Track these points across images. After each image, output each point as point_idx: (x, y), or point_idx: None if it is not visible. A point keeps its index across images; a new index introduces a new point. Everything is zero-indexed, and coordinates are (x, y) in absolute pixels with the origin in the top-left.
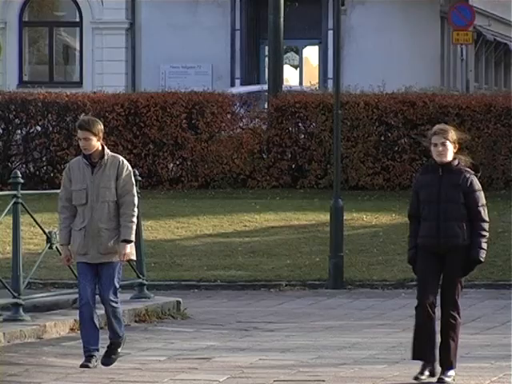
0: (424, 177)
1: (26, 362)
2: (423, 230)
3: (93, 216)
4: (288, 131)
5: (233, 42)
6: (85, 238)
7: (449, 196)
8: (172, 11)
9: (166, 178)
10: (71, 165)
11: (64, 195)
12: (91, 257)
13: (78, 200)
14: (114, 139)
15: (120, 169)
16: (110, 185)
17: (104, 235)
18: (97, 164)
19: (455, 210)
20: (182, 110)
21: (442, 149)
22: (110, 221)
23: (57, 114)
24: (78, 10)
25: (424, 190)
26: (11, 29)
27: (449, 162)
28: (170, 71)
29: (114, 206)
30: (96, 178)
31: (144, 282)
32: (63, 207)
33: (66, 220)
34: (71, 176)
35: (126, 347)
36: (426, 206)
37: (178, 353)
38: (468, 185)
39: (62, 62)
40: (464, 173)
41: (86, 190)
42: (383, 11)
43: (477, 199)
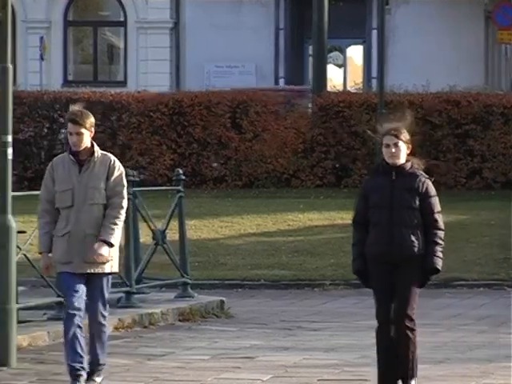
0: (374, 179)
1: None
2: (373, 237)
3: (79, 220)
4: (332, 130)
5: (277, 41)
6: (68, 244)
7: (403, 201)
8: (216, 11)
9: (209, 178)
10: (55, 163)
11: (45, 197)
12: (75, 266)
13: (63, 202)
14: (159, 139)
15: (111, 168)
16: (99, 185)
17: (91, 242)
18: (85, 162)
19: (410, 217)
20: (227, 109)
21: (394, 150)
22: (99, 226)
23: (101, 113)
24: (122, 9)
25: (374, 194)
26: (56, 28)
27: (402, 165)
28: (214, 71)
29: (103, 209)
30: (84, 178)
31: (188, 281)
32: (43, 211)
33: (46, 225)
34: (55, 175)
35: (170, 346)
36: (376, 211)
37: (222, 352)
38: (423, 189)
39: (106, 61)
40: (419, 176)
41: (72, 190)
42: (428, 10)
43: (433, 205)
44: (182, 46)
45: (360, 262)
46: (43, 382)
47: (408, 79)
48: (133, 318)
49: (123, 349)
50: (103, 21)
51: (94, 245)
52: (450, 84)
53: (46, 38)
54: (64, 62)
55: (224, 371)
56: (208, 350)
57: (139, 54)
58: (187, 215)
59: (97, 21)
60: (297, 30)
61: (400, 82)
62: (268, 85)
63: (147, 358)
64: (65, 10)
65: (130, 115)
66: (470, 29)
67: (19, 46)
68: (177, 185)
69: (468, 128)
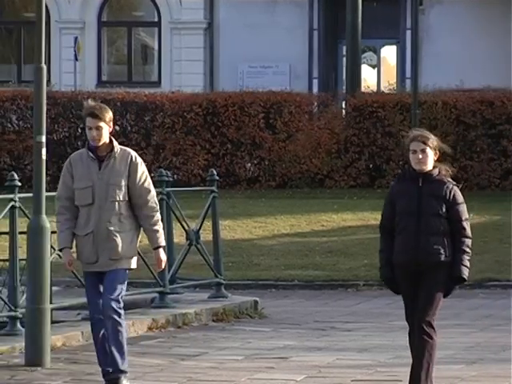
0: (401, 186)
1: None
2: (399, 244)
3: (101, 218)
4: (366, 131)
5: (311, 41)
6: (94, 243)
7: (429, 208)
8: (250, 11)
9: (243, 178)
10: (73, 159)
11: (64, 194)
12: (101, 264)
13: (83, 200)
14: (192, 139)
15: (133, 165)
16: (120, 182)
17: (115, 239)
18: (105, 158)
19: (436, 224)
20: (260, 109)
21: (421, 156)
22: (121, 222)
23: (135, 113)
24: (156, 9)
25: (401, 200)
26: (90, 29)
27: (429, 171)
28: (247, 71)
29: (124, 206)
30: (104, 174)
31: (222, 282)
32: (63, 207)
33: (66, 222)
34: (73, 172)
35: (203, 346)
36: (403, 217)
37: (256, 352)
38: (451, 197)
39: (140, 61)
40: (446, 183)
41: (93, 187)
42: (461, 10)
43: (460, 213)
44: (215, 46)
45: (388, 270)
46: (77, 382)
47: (442, 79)
48: (166, 318)
49: (157, 349)
50: (137, 21)
51: (120, 242)
52: (484, 84)
53: (80, 39)
54: (98, 63)
55: (257, 371)
56: (241, 351)
57: (173, 55)
58: (221, 215)
59: (131, 21)
60: (331, 30)
61: (434, 82)
62: (302, 85)
63: (181, 358)
64: (99, 10)
65: (164, 116)
66: (504, 28)
67: (53, 46)
68: (210, 185)
69: (502, 128)
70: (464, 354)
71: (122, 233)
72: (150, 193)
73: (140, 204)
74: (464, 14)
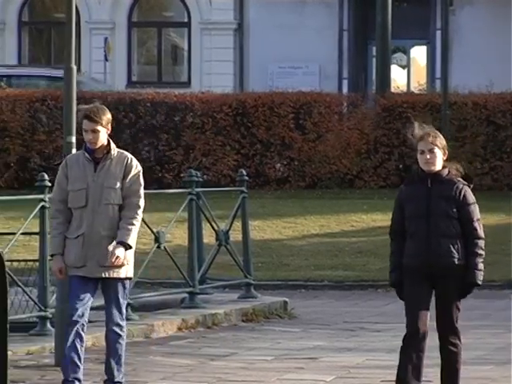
0: (410, 188)
1: (133, 361)
2: (410, 248)
3: (94, 221)
4: (395, 131)
5: (340, 42)
6: (83, 247)
7: (439, 209)
8: (279, 12)
9: (273, 178)
10: (69, 160)
11: (58, 196)
12: (89, 269)
13: (76, 202)
14: (222, 139)
15: (128, 167)
16: (115, 185)
17: (107, 244)
18: (101, 160)
19: (447, 226)
20: (290, 110)
21: (429, 156)
22: (114, 227)
23: (165, 114)
24: (186, 10)
25: (411, 204)
26: (120, 29)
27: (438, 172)
28: (277, 71)
29: (118, 210)
30: (99, 177)
31: (251, 282)
32: (57, 211)
33: (59, 226)
34: (68, 173)
35: (233, 346)
36: (413, 221)
37: (285, 352)
38: (461, 197)
39: (170, 62)
40: (456, 183)
41: (87, 190)
42: (491, 11)
43: (471, 213)
44: (245, 46)
45: (397, 275)
46: None
47: (472, 80)
48: (196, 318)
49: (186, 349)
50: (167, 22)
51: (109, 247)
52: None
53: (111, 39)
54: (128, 63)
55: (287, 372)
56: (271, 351)
57: (203, 55)
58: (250, 216)
59: (161, 22)
60: (360, 30)
61: (464, 82)
62: (332, 86)
63: (210, 359)
64: (129, 10)
65: (194, 116)
66: None
67: (83, 47)
68: (240, 185)
69: None
70: (494, 355)
71: (114, 238)
72: (136, 195)
73: (124, 204)
74: (494, 15)
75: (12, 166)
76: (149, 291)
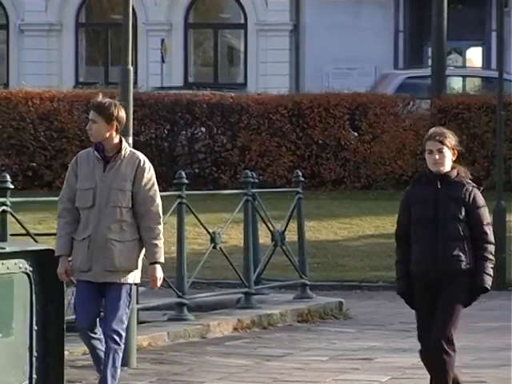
0: (417, 190)
1: (189, 361)
2: (417, 253)
3: (100, 223)
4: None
5: (396, 43)
6: (89, 250)
7: (448, 212)
8: (335, 13)
9: (328, 179)
10: (79, 157)
11: (66, 195)
12: (94, 274)
13: (83, 202)
14: (278, 140)
15: (140, 169)
16: (124, 186)
17: (113, 248)
18: (111, 159)
19: (456, 229)
20: (345, 111)
21: (438, 157)
22: (122, 231)
23: (221, 115)
24: (242, 11)
25: (418, 206)
26: (177, 31)
27: (447, 173)
28: (333, 72)
29: (127, 213)
30: (108, 177)
31: (306, 283)
32: (64, 210)
33: (66, 226)
34: (78, 171)
35: (288, 347)
36: (420, 223)
37: (340, 353)
38: (470, 199)
39: (226, 63)
40: (466, 185)
41: (94, 190)
42: None
43: (481, 216)
44: (301, 47)
45: (405, 283)
46: (163, 382)
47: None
48: (252, 318)
49: (242, 349)
50: (224, 23)
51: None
52: None
53: (167, 41)
54: (185, 64)
55: (342, 372)
56: (326, 351)
57: (259, 56)
58: (306, 216)
59: (217, 23)
60: (416, 32)
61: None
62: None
63: (266, 359)
64: (185, 12)
65: (250, 117)
66: None
67: (140, 48)
68: (296, 186)
69: None
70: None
71: (121, 242)
72: (153, 202)
73: (141, 213)
74: None
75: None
76: (205, 291)
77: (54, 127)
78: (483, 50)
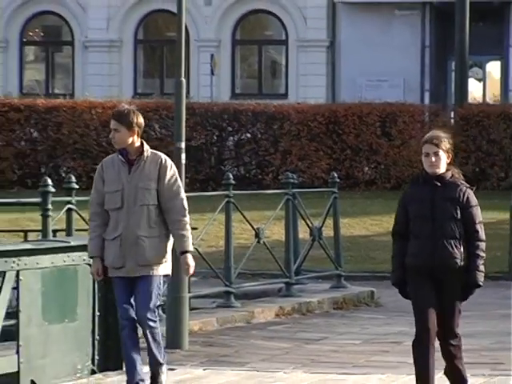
0: (414, 190)
1: (236, 344)
2: (414, 248)
3: (129, 222)
4: (472, 138)
5: (422, 57)
6: (121, 248)
7: (444, 211)
8: (368, 31)
9: (361, 180)
10: (105, 163)
11: (95, 199)
12: (128, 270)
13: (112, 204)
14: (316, 145)
15: (162, 168)
16: (149, 185)
17: (144, 244)
18: (135, 162)
19: (452, 228)
20: (377, 119)
21: (434, 159)
22: (151, 228)
23: (265, 122)
24: (284, 29)
25: (415, 205)
26: (225, 46)
27: (442, 174)
28: (365, 84)
29: (154, 210)
30: (134, 178)
31: (341, 273)
32: (94, 214)
33: (96, 228)
34: (104, 176)
35: (325, 331)
36: (417, 222)
37: (372, 337)
38: (464, 199)
39: (269, 76)
40: (460, 186)
41: (122, 191)
42: None
43: (474, 216)
44: (337, 62)
45: (399, 274)
46: (212, 362)
47: None
48: (292, 306)
49: (284, 333)
50: (267, 40)
51: (148, 247)
52: None
53: (216, 55)
54: (232, 77)
55: (374, 354)
56: (359, 335)
57: (299, 70)
58: (341, 214)
59: (262, 40)
60: (441, 47)
61: None
62: (414, 97)
63: (305, 342)
64: (233, 30)
65: (291, 124)
66: None
67: (192, 62)
68: (332, 187)
69: None
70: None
71: (150, 238)
72: (178, 196)
73: (168, 208)
74: None
75: None
76: (250, 281)
77: None
78: (501, 63)
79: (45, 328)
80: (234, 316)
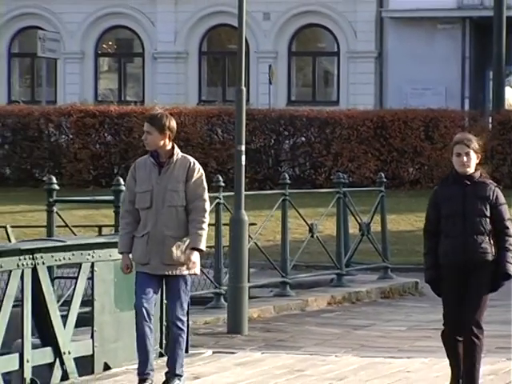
0: (445, 189)
1: (291, 330)
2: (447, 246)
3: (157, 221)
4: (508, 141)
5: (463, 67)
6: (147, 245)
7: (475, 209)
8: (412, 43)
9: (406, 180)
10: (137, 163)
11: (127, 197)
12: (153, 267)
13: (142, 203)
14: (365, 148)
15: (190, 171)
16: (178, 187)
17: (170, 243)
18: (165, 164)
19: (482, 224)
20: (421, 123)
21: (466, 159)
22: (178, 228)
23: (318, 127)
24: (336, 42)
25: (447, 203)
26: (282, 58)
27: (472, 174)
28: (410, 92)
29: (182, 211)
30: (163, 180)
31: (388, 266)
32: (126, 211)
33: (127, 226)
34: (136, 176)
35: (372, 318)
36: (449, 220)
37: (416, 324)
38: (494, 197)
39: (322, 84)
40: (489, 185)
41: (151, 192)
42: None
43: (503, 213)
44: (384, 71)
45: (434, 272)
46: (269, 346)
47: None
48: (343, 295)
49: (335, 320)
50: (320, 51)
51: (174, 247)
52: None
53: (274, 66)
54: (288, 85)
55: (417, 340)
56: (404, 322)
57: (349, 79)
58: (388, 211)
59: (315, 51)
60: (479, 58)
61: None
62: (455, 104)
63: (354, 328)
64: (289, 42)
65: (342, 129)
66: None
67: (252, 72)
68: (379, 186)
69: None
70: None
71: (178, 238)
72: (201, 198)
73: (191, 208)
74: None
75: None
76: (304, 272)
77: (181, 137)
78: None
79: (117, 315)
80: (290, 304)
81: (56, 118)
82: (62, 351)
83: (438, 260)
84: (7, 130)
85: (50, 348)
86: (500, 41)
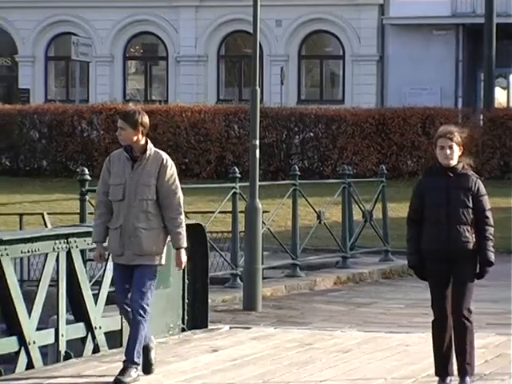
0: (429, 179)
1: (301, 307)
2: (430, 234)
3: (129, 214)
4: (497, 137)
5: (456, 69)
6: (121, 237)
7: (458, 200)
8: (411, 47)
9: (405, 172)
10: (112, 157)
11: (101, 189)
12: (127, 258)
13: (115, 195)
14: (367, 142)
15: (163, 167)
16: (150, 182)
17: (141, 235)
18: (138, 159)
19: (465, 215)
20: (418, 120)
21: (449, 152)
22: (148, 220)
23: (325, 124)
24: (341, 46)
25: (431, 193)
26: (292, 60)
27: (455, 166)
28: (409, 92)
29: (152, 204)
30: (136, 174)
31: (389, 249)
32: (100, 202)
33: (101, 216)
34: (111, 169)
35: (374, 297)
36: (433, 209)
37: (414, 302)
38: (476, 189)
39: (329, 85)
40: (471, 176)
41: (124, 185)
42: None
43: (484, 204)
44: (385, 73)
45: (417, 257)
46: (281, 322)
47: None
48: (347, 276)
49: (340, 299)
50: (327, 55)
51: (145, 239)
52: None
53: (285, 68)
54: (298, 86)
55: (415, 316)
56: (403, 301)
57: (353, 80)
58: (388, 200)
59: (322, 55)
60: (471, 61)
61: None
62: (449, 102)
63: (357, 306)
64: (299, 47)
65: (346, 125)
66: None
67: (265, 73)
68: (381, 177)
69: None
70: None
71: (148, 230)
72: (175, 195)
73: (165, 204)
74: None
75: (212, 163)
76: (312, 255)
77: (201, 133)
78: None
79: None
80: (299, 284)
81: (88, 115)
82: (93, 326)
83: (420, 246)
84: (44, 126)
85: (82, 323)
86: (490, 45)
